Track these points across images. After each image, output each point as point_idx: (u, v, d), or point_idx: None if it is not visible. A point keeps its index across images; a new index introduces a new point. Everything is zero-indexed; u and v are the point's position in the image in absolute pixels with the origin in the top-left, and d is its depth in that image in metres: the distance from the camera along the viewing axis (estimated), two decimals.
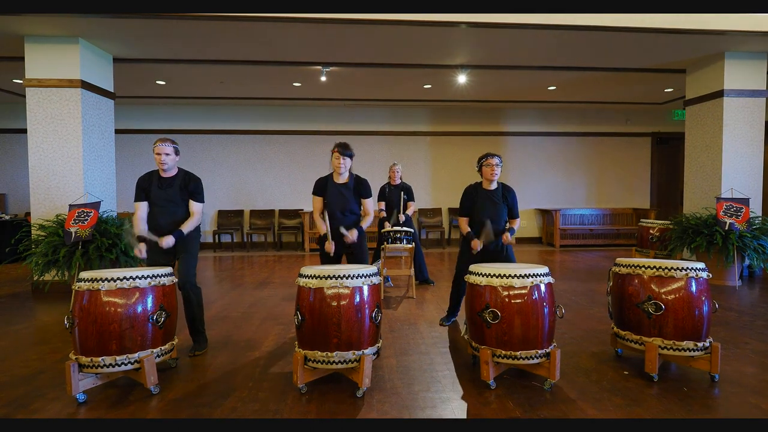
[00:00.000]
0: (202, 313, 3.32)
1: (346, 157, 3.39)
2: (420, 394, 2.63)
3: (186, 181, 3.29)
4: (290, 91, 8.04)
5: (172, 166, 3.27)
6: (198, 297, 3.27)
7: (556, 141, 9.86)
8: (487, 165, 3.56)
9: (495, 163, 3.54)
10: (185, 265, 3.22)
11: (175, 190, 3.25)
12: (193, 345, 3.30)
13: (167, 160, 3.21)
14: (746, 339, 3.55)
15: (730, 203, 5.42)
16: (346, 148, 3.39)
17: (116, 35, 5.18)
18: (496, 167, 3.53)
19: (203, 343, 3.33)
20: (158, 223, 3.22)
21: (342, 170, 3.40)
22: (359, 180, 3.52)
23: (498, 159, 3.56)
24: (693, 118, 6.43)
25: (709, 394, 2.62)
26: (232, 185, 9.30)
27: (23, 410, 2.45)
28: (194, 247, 3.33)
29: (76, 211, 4.69)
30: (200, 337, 3.33)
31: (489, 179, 3.59)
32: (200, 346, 3.29)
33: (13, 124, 8.83)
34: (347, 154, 3.39)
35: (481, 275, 2.74)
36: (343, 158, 3.37)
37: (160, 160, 3.20)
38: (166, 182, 3.26)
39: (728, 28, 5.04)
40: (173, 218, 3.23)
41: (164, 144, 3.21)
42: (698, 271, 2.78)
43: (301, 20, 4.70)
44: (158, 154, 3.20)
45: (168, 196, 3.24)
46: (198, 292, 3.27)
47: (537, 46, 5.67)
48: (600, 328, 3.79)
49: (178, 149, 3.32)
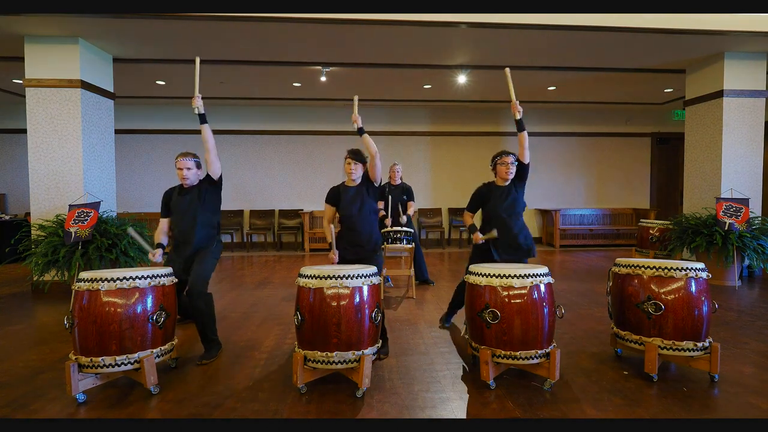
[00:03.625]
0: (212, 321, 3.22)
1: (358, 163, 3.28)
2: (420, 394, 2.63)
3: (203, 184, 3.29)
4: (290, 91, 8.03)
5: (195, 180, 3.27)
6: (207, 306, 3.16)
7: (555, 141, 9.86)
8: (502, 164, 3.40)
9: (510, 161, 3.38)
10: (195, 272, 3.15)
11: (194, 194, 3.25)
12: (204, 353, 3.19)
13: (189, 175, 3.22)
14: (746, 339, 3.55)
15: (729, 203, 5.42)
16: (357, 155, 3.28)
17: (116, 35, 5.18)
18: (511, 165, 3.37)
19: (214, 351, 3.22)
20: (179, 229, 3.25)
21: (354, 176, 3.28)
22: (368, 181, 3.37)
23: (513, 157, 3.41)
24: (693, 118, 6.44)
25: (708, 394, 2.62)
26: (232, 185, 9.29)
27: (23, 410, 2.45)
28: (212, 254, 3.26)
29: (75, 211, 4.68)
30: (211, 345, 3.22)
31: (504, 178, 3.42)
32: (209, 354, 3.17)
33: (13, 124, 8.83)
34: (359, 159, 3.28)
35: (481, 275, 2.74)
36: (355, 164, 3.26)
37: (182, 175, 3.21)
38: (186, 190, 3.29)
39: (728, 28, 5.04)
40: (192, 223, 3.20)
41: (186, 159, 3.21)
42: (698, 271, 2.78)
43: (301, 20, 4.70)
44: (180, 169, 3.21)
45: (186, 202, 3.24)
46: (206, 300, 3.17)
47: (537, 46, 5.67)
48: (600, 328, 3.79)
49: (200, 162, 3.31)
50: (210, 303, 3.19)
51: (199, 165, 3.30)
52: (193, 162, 3.25)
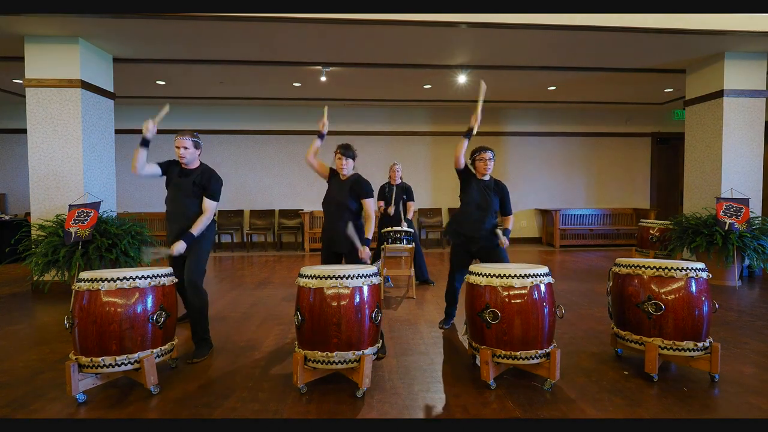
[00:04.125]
0: (204, 319, 3.20)
1: (348, 159, 3.33)
2: (420, 394, 2.63)
3: (203, 177, 3.26)
4: (290, 91, 8.03)
5: (192, 159, 3.27)
6: (201, 301, 3.16)
7: (556, 141, 9.86)
8: (480, 159, 3.50)
9: (488, 157, 3.47)
10: (190, 264, 3.16)
11: (190, 181, 3.24)
12: (194, 351, 3.18)
13: (185, 154, 3.23)
14: (746, 339, 3.55)
15: (729, 203, 5.42)
16: (347, 149, 3.35)
17: (116, 35, 5.18)
18: (489, 161, 3.47)
19: (205, 350, 3.20)
20: (168, 211, 3.28)
21: (345, 171, 3.35)
22: (357, 179, 3.38)
23: (491, 153, 3.49)
24: (693, 118, 6.43)
25: (709, 394, 2.62)
26: (232, 185, 9.30)
27: (23, 410, 2.45)
28: (204, 245, 3.25)
29: (76, 211, 4.68)
30: (202, 343, 3.21)
31: (482, 173, 3.53)
32: (200, 353, 3.15)
33: (13, 124, 8.83)
34: (348, 155, 3.33)
35: (481, 275, 2.74)
36: (345, 160, 3.32)
37: (179, 153, 3.23)
38: (185, 172, 3.29)
39: (728, 28, 5.04)
40: (183, 210, 3.21)
41: (183, 138, 3.22)
42: (698, 271, 2.78)
43: (301, 20, 4.70)
44: (177, 147, 3.22)
45: (183, 185, 3.24)
46: (202, 295, 3.17)
47: (537, 46, 5.67)
48: (600, 328, 3.79)
49: (199, 143, 3.31)
50: (204, 300, 3.19)
51: (197, 145, 3.29)
52: (190, 141, 3.24)
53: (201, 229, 3.18)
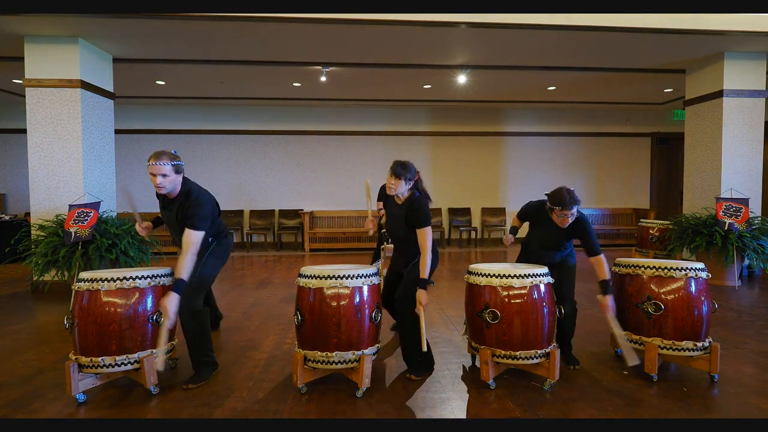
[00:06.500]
0: (202, 343, 2.77)
1: (400, 179, 2.82)
2: (420, 394, 2.63)
3: (184, 204, 2.73)
4: (290, 91, 8.03)
5: (173, 187, 2.72)
6: (197, 326, 2.73)
7: (556, 141, 9.85)
8: (561, 216, 2.93)
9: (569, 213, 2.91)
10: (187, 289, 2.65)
11: (174, 215, 2.78)
12: (192, 376, 2.76)
13: (164, 183, 2.64)
14: (746, 339, 3.55)
15: (729, 203, 5.42)
16: (396, 166, 2.85)
17: (116, 35, 5.18)
18: (570, 217, 2.95)
19: (205, 373, 2.78)
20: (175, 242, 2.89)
21: (394, 193, 2.89)
22: (412, 204, 2.85)
23: (575, 209, 2.91)
24: (693, 118, 6.43)
25: (708, 394, 2.62)
26: (232, 185, 9.30)
27: (23, 410, 2.45)
28: (204, 270, 2.84)
29: (75, 211, 4.68)
30: (202, 367, 2.79)
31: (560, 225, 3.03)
32: (199, 377, 2.74)
33: (13, 124, 8.82)
34: (397, 172, 2.82)
35: (481, 275, 2.74)
36: (394, 179, 2.84)
37: (156, 183, 2.62)
38: (166, 203, 2.82)
39: (728, 28, 5.04)
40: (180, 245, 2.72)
41: (159, 163, 2.61)
42: (698, 271, 2.78)
43: (301, 20, 4.70)
44: (153, 175, 2.61)
45: (169, 219, 2.84)
46: (196, 317, 2.73)
47: (537, 46, 5.67)
48: (600, 328, 3.79)
49: (181, 165, 2.73)
50: (200, 322, 2.75)
51: (178, 169, 2.70)
52: (170, 167, 2.63)
53: (188, 269, 2.58)
